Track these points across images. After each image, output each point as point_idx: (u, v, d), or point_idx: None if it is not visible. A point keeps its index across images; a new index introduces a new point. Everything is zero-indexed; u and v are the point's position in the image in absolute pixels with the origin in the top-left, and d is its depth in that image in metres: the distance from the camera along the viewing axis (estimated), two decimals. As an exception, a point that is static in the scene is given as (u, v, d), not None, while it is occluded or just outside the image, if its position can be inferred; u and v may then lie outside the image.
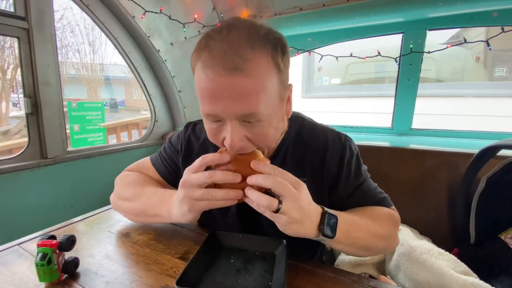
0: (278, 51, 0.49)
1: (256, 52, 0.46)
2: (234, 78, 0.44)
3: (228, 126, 0.48)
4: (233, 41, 0.45)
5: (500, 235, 0.88)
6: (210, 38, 0.48)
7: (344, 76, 3.52)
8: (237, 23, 0.49)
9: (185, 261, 0.57)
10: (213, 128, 0.51)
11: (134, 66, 1.70)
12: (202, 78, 0.47)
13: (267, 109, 0.48)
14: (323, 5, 1.36)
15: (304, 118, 0.70)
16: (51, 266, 0.49)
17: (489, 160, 0.94)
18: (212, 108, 0.48)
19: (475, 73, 3.11)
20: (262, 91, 0.47)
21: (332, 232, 0.49)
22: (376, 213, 0.62)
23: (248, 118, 0.48)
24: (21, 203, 1.22)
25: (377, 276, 0.84)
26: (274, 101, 0.50)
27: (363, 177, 0.66)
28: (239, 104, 0.46)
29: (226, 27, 0.48)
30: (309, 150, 0.64)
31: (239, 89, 0.45)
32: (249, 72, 0.45)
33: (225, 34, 0.46)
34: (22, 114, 1.30)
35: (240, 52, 0.45)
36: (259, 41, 0.47)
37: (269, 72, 0.47)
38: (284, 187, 0.46)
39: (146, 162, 0.80)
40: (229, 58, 0.44)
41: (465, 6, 1.24)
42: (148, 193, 0.65)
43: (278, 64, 0.49)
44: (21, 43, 1.18)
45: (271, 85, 0.48)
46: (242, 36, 0.46)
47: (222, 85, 0.45)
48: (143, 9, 1.47)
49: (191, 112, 1.95)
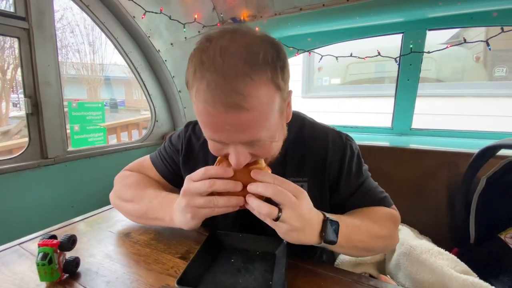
0: (277, 72, 0.46)
1: (255, 83, 0.43)
2: (235, 114, 0.43)
3: (233, 148, 0.48)
4: (230, 74, 0.42)
5: (500, 235, 0.88)
6: (204, 68, 0.43)
7: (344, 76, 3.52)
8: (231, 46, 0.43)
9: (186, 261, 0.58)
10: (218, 147, 0.51)
11: (134, 66, 1.70)
12: (203, 112, 0.45)
13: (269, 131, 0.48)
14: (323, 5, 1.36)
15: (304, 118, 0.70)
16: (52, 266, 0.49)
17: (489, 160, 0.94)
18: (215, 136, 0.48)
19: (475, 73, 3.12)
20: (264, 120, 0.46)
21: (334, 238, 0.50)
22: (376, 214, 0.62)
23: (251, 143, 0.48)
24: (21, 203, 1.22)
25: (377, 276, 0.85)
26: (275, 120, 0.49)
27: (364, 177, 0.66)
28: (243, 134, 0.46)
29: (220, 53, 0.43)
30: (310, 150, 0.64)
31: (242, 123, 0.44)
32: (250, 108, 0.43)
33: (220, 62, 0.42)
34: (22, 114, 1.30)
35: (239, 87, 0.42)
36: (258, 68, 0.43)
37: (270, 97, 0.46)
38: (284, 196, 0.46)
39: (146, 161, 0.80)
40: (228, 96, 0.42)
41: (465, 6, 1.24)
42: (149, 197, 0.65)
43: (279, 85, 0.47)
44: (22, 43, 1.18)
45: (272, 109, 0.47)
46: (239, 65, 0.42)
47: (224, 120, 0.44)
48: (143, 9, 1.47)
49: (191, 112, 1.95)
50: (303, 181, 0.63)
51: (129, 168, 0.81)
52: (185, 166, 0.73)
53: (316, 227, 0.50)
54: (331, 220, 0.51)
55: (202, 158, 0.71)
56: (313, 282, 0.52)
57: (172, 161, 0.75)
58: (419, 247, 0.82)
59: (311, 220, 0.49)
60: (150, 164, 0.78)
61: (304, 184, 0.63)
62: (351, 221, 0.56)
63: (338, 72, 3.52)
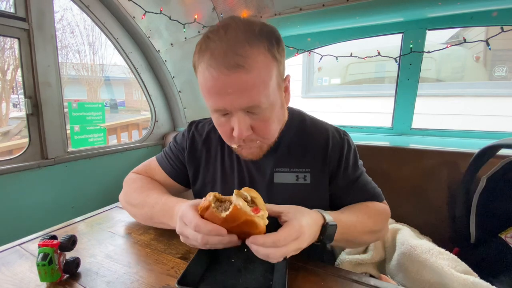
0: (273, 44, 0.53)
1: (253, 48, 0.49)
2: (237, 74, 0.48)
3: (235, 117, 0.53)
4: (231, 41, 0.49)
5: (501, 234, 0.88)
6: (210, 40, 0.51)
7: (344, 76, 3.52)
8: (232, 23, 0.52)
9: (186, 261, 0.58)
10: (222, 121, 0.56)
11: (134, 66, 1.70)
12: (207, 78, 0.51)
13: (268, 99, 0.53)
14: (322, 5, 1.36)
15: (305, 114, 0.75)
16: (52, 266, 0.49)
17: (489, 159, 0.94)
18: (219, 103, 0.52)
19: (475, 72, 3.12)
20: (263, 84, 0.51)
21: (331, 240, 0.53)
22: (371, 209, 0.67)
23: (252, 109, 0.52)
24: (22, 203, 1.22)
25: (377, 276, 0.84)
26: (273, 90, 0.54)
27: (360, 171, 0.70)
28: (243, 97, 0.50)
29: (222, 28, 0.51)
30: (312, 143, 0.68)
31: (242, 84, 0.49)
32: (249, 68, 0.49)
33: (223, 34, 0.50)
34: (22, 115, 1.30)
35: (239, 51, 0.48)
36: (255, 37, 0.50)
37: (267, 65, 0.51)
38: (290, 248, 0.46)
39: (152, 162, 0.81)
40: (230, 57, 0.48)
41: (464, 5, 1.24)
42: (152, 203, 0.66)
43: (275, 56, 0.53)
44: (22, 44, 1.18)
45: (270, 76, 0.52)
46: (239, 35, 0.50)
47: (227, 82, 0.49)
48: (143, 10, 1.47)
49: (191, 112, 1.95)
50: (306, 171, 0.67)
51: (136, 171, 0.81)
52: (190, 162, 0.75)
53: (316, 234, 0.52)
54: (330, 225, 0.53)
55: (205, 155, 0.74)
56: (314, 282, 0.52)
57: (178, 160, 0.77)
58: (419, 247, 0.81)
59: (312, 234, 0.51)
60: (157, 165, 0.79)
61: (307, 175, 0.67)
62: (348, 219, 0.59)
63: (338, 72, 3.52)
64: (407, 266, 0.80)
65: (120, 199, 0.77)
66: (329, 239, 0.53)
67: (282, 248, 0.46)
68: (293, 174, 0.67)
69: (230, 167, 0.71)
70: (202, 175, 0.74)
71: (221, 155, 0.73)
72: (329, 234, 0.52)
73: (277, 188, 0.67)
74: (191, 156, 0.75)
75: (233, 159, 0.71)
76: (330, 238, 0.53)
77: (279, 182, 0.67)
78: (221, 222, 0.46)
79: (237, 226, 0.46)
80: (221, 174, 0.72)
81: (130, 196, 0.72)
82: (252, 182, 0.69)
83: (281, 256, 0.46)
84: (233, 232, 0.48)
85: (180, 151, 0.77)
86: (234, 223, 0.46)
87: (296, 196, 0.66)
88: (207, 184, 0.73)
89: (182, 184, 0.78)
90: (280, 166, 0.67)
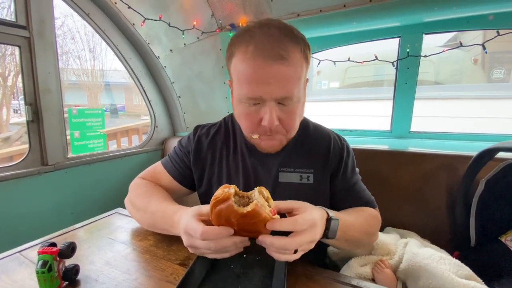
0: (307, 47, 0.59)
1: (294, 46, 0.55)
2: (280, 65, 0.54)
3: (267, 107, 0.57)
4: (276, 35, 0.54)
5: (501, 238, 0.88)
6: (254, 33, 0.56)
7: (343, 80, 3.54)
8: (273, 22, 0.57)
9: (185, 267, 0.58)
10: (251, 110, 0.59)
11: (134, 72, 1.72)
12: (250, 66, 0.55)
13: (298, 93, 0.58)
14: (320, 10, 1.38)
15: (308, 120, 0.79)
16: (52, 274, 0.49)
17: (487, 162, 0.95)
18: (256, 91, 0.56)
19: (473, 75, 3.13)
20: (298, 79, 0.57)
21: (334, 234, 0.54)
22: (366, 213, 0.69)
23: (284, 101, 0.57)
24: (21, 210, 1.22)
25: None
26: (302, 88, 0.60)
27: (357, 177, 0.74)
28: (282, 88, 0.55)
29: (266, 25, 0.56)
30: (315, 145, 0.72)
31: (283, 76, 0.54)
32: (291, 62, 0.54)
33: (267, 29, 0.55)
34: (23, 121, 1.31)
35: (283, 45, 0.54)
36: (294, 37, 0.56)
37: (302, 63, 0.58)
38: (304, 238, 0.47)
39: (158, 167, 0.82)
40: (276, 49, 0.53)
41: (460, 10, 1.26)
42: (153, 209, 0.67)
43: (307, 57, 0.59)
44: (22, 51, 1.20)
45: (302, 73, 0.58)
46: (282, 32, 0.55)
47: (269, 71, 0.54)
48: (142, 17, 1.49)
49: (191, 117, 1.96)
50: (309, 172, 0.70)
51: (142, 176, 0.82)
52: (195, 165, 0.77)
53: (323, 227, 0.53)
54: (334, 219, 0.54)
55: (210, 157, 0.76)
56: (312, 287, 0.52)
57: (183, 163, 0.78)
58: (421, 253, 0.82)
59: (320, 226, 0.51)
60: (163, 169, 0.80)
61: (310, 175, 0.70)
62: (348, 219, 0.61)
63: (337, 76, 3.54)
64: (410, 273, 0.80)
65: (125, 203, 0.77)
66: (333, 234, 0.53)
67: (297, 238, 0.46)
68: (297, 174, 0.70)
69: (235, 167, 0.73)
70: (208, 177, 0.75)
71: (226, 155, 0.75)
72: (333, 229, 0.53)
73: (282, 187, 0.70)
74: (196, 158, 0.76)
75: (237, 159, 0.73)
76: (334, 233, 0.53)
77: (284, 181, 0.70)
78: (237, 217, 0.44)
79: (248, 223, 0.45)
80: (227, 174, 0.73)
81: (134, 201, 0.73)
82: (257, 181, 0.71)
83: (296, 246, 0.46)
84: (240, 230, 0.47)
85: (185, 154, 0.78)
86: (250, 220, 0.44)
87: (300, 195, 0.66)
88: (212, 185, 0.74)
89: (188, 188, 0.79)
90: (285, 166, 0.71)
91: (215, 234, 0.46)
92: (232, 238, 0.47)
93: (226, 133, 0.77)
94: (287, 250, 0.46)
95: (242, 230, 0.47)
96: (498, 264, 0.84)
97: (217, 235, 0.46)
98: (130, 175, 0.82)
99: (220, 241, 0.47)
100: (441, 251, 0.90)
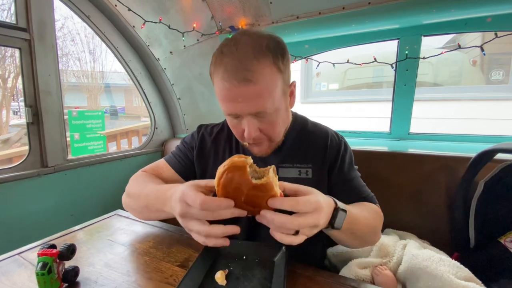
0: (278, 57, 0.60)
1: (260, 63, 0.57)
2: (245, 87, 0.57)
3: (245, 121, 0.61)
4: (241, 56, 0.57)
5: (500, 239, 0.88)
6: (223, 55, 0.59)
7: (342, 81, 3.55)
8: (242, 39, 0.59)
9: (185, 269, 0.58)
10: (235, 123, 0.65)
11: (134, 74, 1.72)
12: (221, 88, 0.59)
13: (273, 105, 0.60)
14: (319, 13, 1.38)
15: (307, 118, 0.82)
16: (52, 276, 0.49)
17: (486, 164, 0.95)
18: (231, 109, 0.61)
19: (472, 76, 3.14)
20: (268, 94, 0.59)
21: (341, 225, 0.52)
22: (370, 208, 0.69)
23: (259, 114, 0.61)
24: (21, 212, 1.22)
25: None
26: (278, 97, 0.61)
27: (355, 173, 0.75)
28: (251, 105, 0.59)
29: (234, 44, 0.59)
30: (313, 143, 0.75)
31: (250, 95, 0.57)
32: (256, 81, 0.57)
33: (234, 50, 0.58)
34: (23, 122, 1.31)
35: (248, 66, 0.56)
36: (262, 52, 0.58)
37: (272, 77, 0.59)
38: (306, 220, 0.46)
39: (161, 162, 0.84)
40: (240, 72, 0.56)
41: (459, 12, 1.26)
42: (147, 192, 0.66)
43: (279, 68, 0.60)
44: (23, 53, 1.20)
45: (275, 86, 0.60)
46: (248, 50, 0.57)
47: (237, 92, 0.57)
48: (142, 19, 1.50)
49: (190, 119, 1.96)
50: (308, 167, 0.73)
51: (144, 169, 0.83)
52: (198, 161, 0.80)
53: (328, 216, 0.51)
54: (342, 209, 0.52)
55: (213, 154, 0.80)
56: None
57: (187, 157, 0.81)
58: (420, 255, 0.81)
59: (326, 215, 0.50)
60: (165, 164, 0.82)
61: (308, 170, 0.73)
62: (354, 211, 0.59)
63: (336, 77, 3.55)
64: (409, 274, 0.80)
65: (122, 197, 0.77)
66: (339, 225, 0.52)
67: (298, 218, 0.45)
68: (296, 169, 0.73)
69: None
70: (210, 173, 0.78)
71: (229, 152, 0.78)
72: (339, 220, 0.51)
73: None
74: (200, 154, 0.80)
75: None
76: (340, 224, 0.52)
77: (283, 177, 0.72)
78: (249, 188, 0.44)
79: (256, 196, 0.45)
80: None
81: (129, 190, 0.74)
82: None
83: (296, 226, 0.45)
84: (244, 203, 0.46)
85: (189, 150, 0.82)
86: (259, 193, 0.44)
87: None
88: None
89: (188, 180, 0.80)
90: (284, 162, 0.73)
91: (215, 205, 0.45)
92: (231, 209, 0.47)
93: (229, 132, 0.80)
94: (286, 229, 0.45)
95: (246, 203, 0.46)
96: (497, 265, 0.84)
97: (218, 206, 0.45)
98: (130, 177, 0.82)
99: (219, 212, 0.46)
100: (440, 252, 0.90)
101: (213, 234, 0.47)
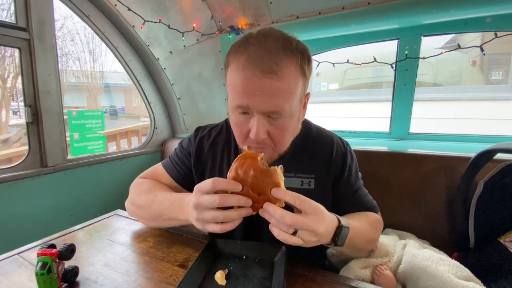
0: (305, 61, 0.56)
1: (288, 59, 0.54)
2: (269, 80, 0.52)
3: (255, 119, 0.55)
4: (270, 48, 0.53)
5: (499, 239, 0.88)
6: (249, 44, 0.55)
7: (342, 81, 3.55)
8: (273, 33, 0.56)
9: (185, 269, 0.58)
10: (240, 120, 0.58)
11: (134, 74, 1.72)
12: (240, 77, 0.54)
13: (290, 108, 0.56)
14: (319, 13, 1.38)
15: (311, 123, 0.77)
16: (51, 275, 0.49)
17: (486, 164, 0.95)
18: (244, 101, 0.54)
19: (472, 76, 3.15)
20: (289, 94, 0.55)
21: (343, 243, 0.53)
22: (371, 219, 0.69)
23: (273, 114, 0.55)
24: (21, 211, 1.22)
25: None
26: (296, 102, 0.57)
27: (360, 182, 0.73)
28: (269, 102, 0.53)
29: (263, 36, 0.55)
30: (317, 150, 0.70)
31: (272, 90, 0.53)
32: (281, 76, 0.52)
33: (263, 41, 0.54)
34: (22, 122, 1.31)
35: (275, 59, 0.52)
36: (291, 50, 0.54)
37: (297, 78, 0.56)
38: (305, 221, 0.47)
39: (159, 168, 0.82)
40: (266, 62, 0.52)
41: (458, 12, 1.26)
42: (160, 199, 0.67)
43: (304, 72, 0.57)
44: (22, 53, 1.20)
45: (296, 89, 0.56)
46: (278, 44, 0.54)
47: (258, 84, 0.52)
48: (142, 19, 1.50)
49: (190, 119, 1.96)
50: (311, 177, 0.68)
51: (143, 176, 0.83)
52: (196, 167, 0.76)
53: (331, 232, 0.52)
54: (345, 227, 0.53)
55: (211, 159, 0.75)
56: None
57: (184, 164, 0.78)
58: (420, 255, 0.81)
59: (328, 228, 0.51)
60: (163, 170, 0.80)
61: (311, 180, 0.68)
62: (356, 225, 0.59)
63: (336, 78, 3.55)
64: (409, 274, 0.80)
65: (126, 205, 0.77)
66: (342, 242, 0.52)
67: (298, 216, 0.46)
68: (298, 179, 0.68)
69: None
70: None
71: (228, 158, 0.74)
72: (342, 237, 0.52)
73: None
74: (197, 160, 0.76)
75: None
76: (343, 242, 0.52)
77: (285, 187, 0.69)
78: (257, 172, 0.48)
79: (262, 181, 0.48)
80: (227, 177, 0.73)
81: (137, 198, 0.73)
82: None
83: (294, 222, 0.45)
84: (250, 189, 0.49)
85: (186, 156, 0.78)
86: (266, 178, 0.48)
87: None
88: None
89: (188, 189, 0.79)
90: (286, 171, 0.69)
91: (225, 183, 0.48)
92: (237, 196, 0.48)
93: (227, 135, 0.77)
94: (285, 224, 0.46)
95: (252, 189, 0.49)
96: (497, 265, 0.84)
97: (227, 184, 0.48)
98: (129, 177, 0.82)
99: (225, 196, 0.48)
100: (440, 252, 0.90)
101: (231, 217, 0.49)
